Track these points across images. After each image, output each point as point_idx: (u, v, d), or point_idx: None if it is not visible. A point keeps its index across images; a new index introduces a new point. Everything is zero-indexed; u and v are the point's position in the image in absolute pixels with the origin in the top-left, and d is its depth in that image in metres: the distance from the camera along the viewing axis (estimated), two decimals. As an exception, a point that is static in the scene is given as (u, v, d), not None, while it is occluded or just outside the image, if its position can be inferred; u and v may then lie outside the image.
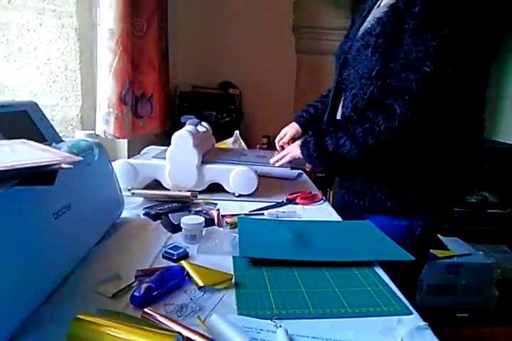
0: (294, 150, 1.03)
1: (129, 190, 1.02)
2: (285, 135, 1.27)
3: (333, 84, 1.06)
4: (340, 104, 1.02)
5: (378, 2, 0.99)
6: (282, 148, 1.24)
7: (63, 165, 0.53)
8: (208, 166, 1.08)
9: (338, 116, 1.04)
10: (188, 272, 0.63)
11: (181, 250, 0.71)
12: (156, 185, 1.10)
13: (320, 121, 1.17)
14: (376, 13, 0.93)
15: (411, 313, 0.57)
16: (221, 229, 0.87)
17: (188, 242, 0.78)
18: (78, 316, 0.46)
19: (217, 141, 1.45)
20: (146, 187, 1.09)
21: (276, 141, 1.29)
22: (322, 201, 1.11)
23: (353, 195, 1.00)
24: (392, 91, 0.85)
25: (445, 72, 0.80)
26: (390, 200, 0.94)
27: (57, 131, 0.82)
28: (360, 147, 0.87)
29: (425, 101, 0.83)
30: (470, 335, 1.77)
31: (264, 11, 2.48)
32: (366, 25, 0.95)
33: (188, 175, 1.07)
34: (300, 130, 1.27)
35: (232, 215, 0.94)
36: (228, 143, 1.71)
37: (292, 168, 1.34)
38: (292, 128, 1.28)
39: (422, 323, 0.54)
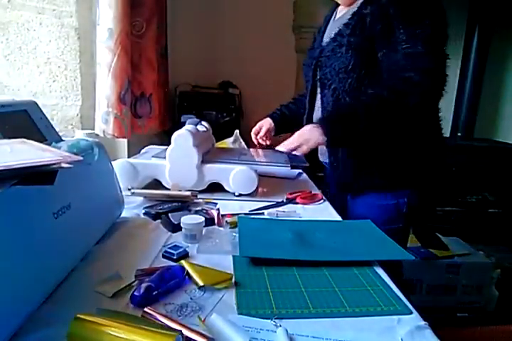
0: (309, 134, 1.02)
1: (129, 189, 1.02)
2: (261, 129, 1.36)
3: (308, 88, 1.21)
4: (318, 103, 1.15)
5: (332, 17, 1.21)
6: (259, 144, 1.37)
7: (63, 165, 0.53)
8: (208, 166, 1.08)
9: (318, 114, 1.16)
10: (188, 272, 0.63)
11: (181, 249, 0.71)
12: (156, 184, 1.10)
13: (294, 121, 1.31)
14: (338, 22, 1.10)
15: (411, 313, 0.57)
16: (221, 228, 0.87)
17: (188, 242, 0.78)
18: (78, 316, 0.46)
19: (217, 141, 1.45)
20: (146, 187, 1.09)
21: (253, 135, 1.38)
22: (322, 200, 1.11)
23: (345, 181, 1.12)
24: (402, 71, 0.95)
25: (439, 58, 0.96)
26: (380, 180, 1.08)
27: (57, 130, 0.81)
28: (375, 98, 0.97)
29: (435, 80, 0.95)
30: (470, 335, 1.76)
31: (264, 11, 2.48)
32: (332, 31, 1.09)
33: (188, 174, 1.07)
34: (273, 124, 1.36)
35: (232, 215, 0.94)
36: (228, 142, 1.71)
37: (292, 168, 1.34)
38: (266, 122, 1.37)
39: (422, 323, 0.54)
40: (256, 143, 1.37)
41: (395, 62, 0.96)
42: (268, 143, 1.38)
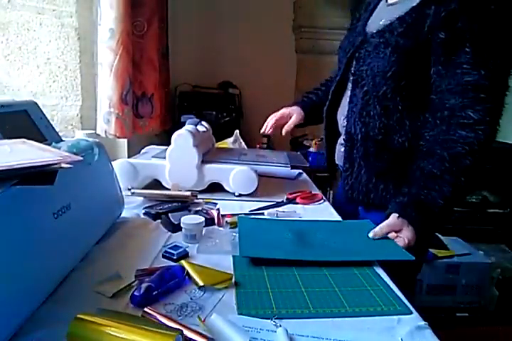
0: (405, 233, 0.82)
1: (129, 189, 1.03)
2: (288, 116, 1.19)
3: (337, 76, 1.04)
4: (346, 100, 0.99)
5: None
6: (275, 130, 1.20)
7: (63, 165, 0.53)
8: (208, 166, 1.08)
9: (343, 112, 1.00)
10: (188, 272, 0.63)
11: (181, 250, 0.71)
12: (156, 184, 1.10)
13: (319, 111, 1.13)
14: (391, 10, 0.91)
15: (411, 313, 0.57)
16: (221, 228, 0.87)
17: (188, 242, 0.78)
18: (78, 316, 0.46)
19: (217, 141, 1.45)
20: (146, 187, 1.09)
21: (272, 120, 1.20)
22: (322, 201, 1.11)
23: (357, 192, 0.98)
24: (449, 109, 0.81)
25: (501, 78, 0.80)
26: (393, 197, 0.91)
27: (57, 130, 0.81)
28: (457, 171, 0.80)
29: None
30: (470, 335, 1.77)
31: (264, 11, 2.48)
32: (381, 19, 0.92)
33: (188, 174, 1.07)
34: (303, 115, 1.20)
35: (232, 215, 0.94)
36: (228, 142, 1.71)
37: (292, 168, 1.34)
38: (298, 114, 1.20)
39: (422, 323, 0.54)
40: (269, 128, 1.19)
41: (449, 90, 0.81)
42: (284, 133, 1.22)
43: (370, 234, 0.80)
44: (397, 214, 0.81)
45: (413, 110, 0.88)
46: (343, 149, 0.99)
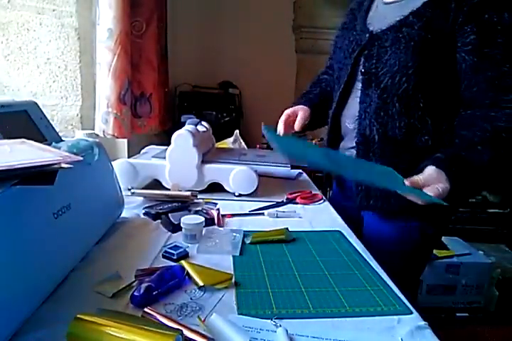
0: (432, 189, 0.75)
1: (129, 189, 1.02)
2: (296, 116, 1.07)
3: (341, 77, 0.99)
4: (355, 101, 0.94)
5: None
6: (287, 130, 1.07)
7: (63, 165, 0.53)
8: (208, 166, 1.08)
9: (350, 114, 0.96)
10: (188, 272, 0.63)
11: (181, 250, 0.71)
12: (156, 184, 1.10)
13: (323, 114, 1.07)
14: (397, 7, 0.89)
15: (411, 313, 0.57)
16: (221, 228, 0.87)
17: (188, 242, 0.78)
18: (78, 316, 0.46)
19: (217, 141, 1.45)
20: (146, 187, 1.09)
21: (282, 123, 1.06)
22: (322, 201, 1.11)
23: (375, 199, 0.92)
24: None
25: None
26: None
27: (57, 130, 0.81)
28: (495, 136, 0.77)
29: None
30: (470, 335, 1.77)
31: (264, 11, 2.48)
32: (388, 16, 0.89)
33: (188, 174, 1.07)
34: (309, 111, 1.09)
35: (233, 215, 0.95)
36: (228, 142, 1.71)
37: (292, 168, 1.34)
38: (304, 110, 1.08)
39: (422, 323, 0.54)
40: (283, 130, 1.07)
41: (488, 79, 0.79)
42: (298, 128, 1.08)
43: (406, 182, 0.74)
44: (434, 167, 0.75)
45: (435, 107, 0.86)
46: (353, 153, 0.94)
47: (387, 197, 0.90)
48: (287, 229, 0.84)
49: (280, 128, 1.07)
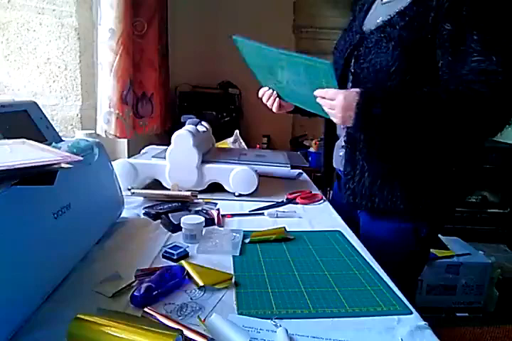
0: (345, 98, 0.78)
1: (129, 189, 1.02)
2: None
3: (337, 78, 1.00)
4: None
5: None
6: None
7: (63, 165, 0.53)
8: (208, 166, 1.08)
9: None
10: (188, 272, 0.63)
11: (181, 250, 0.71)
12: (156, 184, 1.10)
13: None
14: (389, 7, 0.89)
15: (411, 313, 0.57)
16: (221, 228, 0.87)
17: (188, 242, 0.78)
18: (78, 316, 0.46)
19: (217, 141, 1.45)
20: (146, 187, 1.09)
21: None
22: (322, 201, 1.11)
23: (360, 197, 0.93)
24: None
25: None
26: (403, 202, 0.88)
27: (57, 130, 0.82)
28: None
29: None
30: (470, 335, 1.76)
31: (264, 11, 2.48)
32: (379, 17, 0.90)
33: (188, 174, 1.07)
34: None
35: (232, 215, 0.95)
36: (228, 142, 1.71)
37: (292, 168, 1.34)
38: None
39: (422, 323, 0.54)
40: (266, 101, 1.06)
41: (460, 76, 0.77)
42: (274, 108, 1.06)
43: (316, 92, 0.81)
44: (356, 90, 0.78)
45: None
46: (342, 152, 0.96)
47: (370, 195, 0.91)
48: (284, 228, 0.84)
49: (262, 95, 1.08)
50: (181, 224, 0.79)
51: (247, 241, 0.79)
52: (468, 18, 0.76)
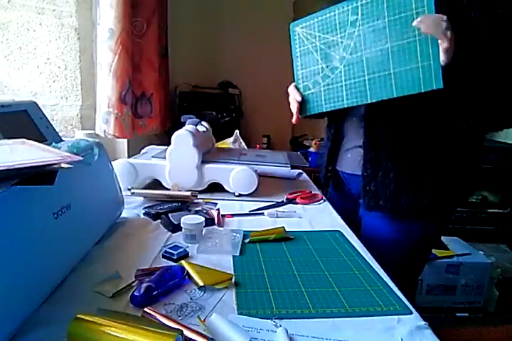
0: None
1: (129, 189, 1.03)
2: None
3: None
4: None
5: None
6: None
7: (63, 165, 0.53)
8: (208, 166, 1.08)
9: (355, 112, 0.94)
10: (188, 272, 0.63)
11: (181, 250, 0.71)
12: (156, 184, 1.10)
13: None
14: None
15: (411, 313, 0.57)
16: (221, 228, 0.87)
17: (188, 242, 0.78)
18: (78, 316, 0.46)
19: (217, 141, 1.45)
20: (146, 187, 1.09)
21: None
22: (322, 201, 1.11)
23: (384, 199, 0.90)
24: None
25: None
26: (430, 202, 0.88)
27: (57, 130, 0.82)
28: None
29: None
30: (470, 335, 1.77)
31: (264, 11, 2.48)
32: None
33: (188, 174, 1.07)
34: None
35: (232, 215, 0.95)
36: (228, 142, 1.71)
37: (292, 168, 1.34)
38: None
39: (422, 323, 0.54)
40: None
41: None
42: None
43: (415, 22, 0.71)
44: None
45: (449, 96, 0.79)
46: (350, 154, 0.94)
47: (397, 197, 0.89)
48: (283, 227, 0.84)
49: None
50: (181, 224, 0.79)
51: (247, 241, 0.80)
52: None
